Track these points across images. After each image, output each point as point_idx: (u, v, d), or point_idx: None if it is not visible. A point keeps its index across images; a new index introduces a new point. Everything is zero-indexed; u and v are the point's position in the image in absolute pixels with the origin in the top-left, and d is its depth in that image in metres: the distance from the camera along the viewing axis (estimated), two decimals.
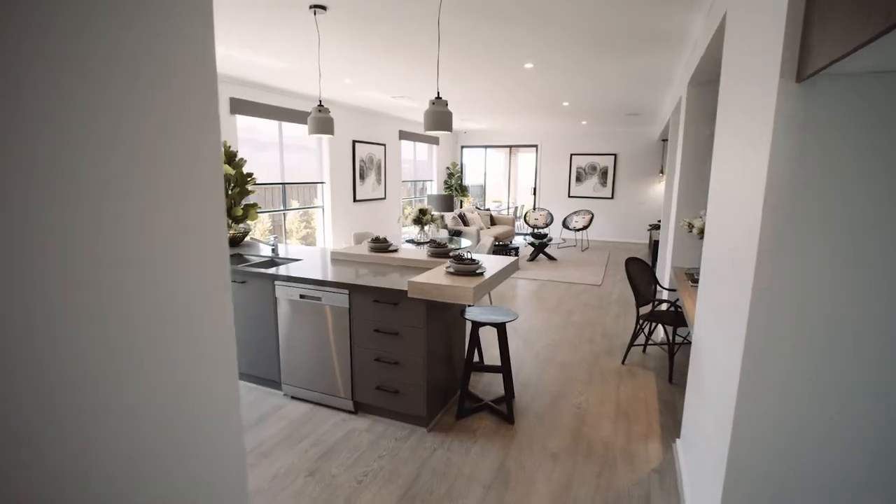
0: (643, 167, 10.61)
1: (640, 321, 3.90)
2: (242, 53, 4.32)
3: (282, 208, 6.76)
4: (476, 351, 3.56)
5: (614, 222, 11.03)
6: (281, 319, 3.14)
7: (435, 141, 10.95)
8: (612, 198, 10.96)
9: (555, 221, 11.41)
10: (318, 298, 2.97)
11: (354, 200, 8.09)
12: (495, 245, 7.44)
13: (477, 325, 3.00)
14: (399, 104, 7.46)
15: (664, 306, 4.14)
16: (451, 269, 2.81)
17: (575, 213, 10.46)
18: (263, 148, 6.45)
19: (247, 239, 5.28)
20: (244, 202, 5.42)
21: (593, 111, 7.97)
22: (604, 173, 10.95)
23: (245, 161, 5.17)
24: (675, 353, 3.63)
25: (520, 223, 12.54)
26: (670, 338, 3.65)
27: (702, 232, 3.90)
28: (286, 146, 6.71)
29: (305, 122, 6.74)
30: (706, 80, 3.83)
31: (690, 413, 2.47)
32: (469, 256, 2.97)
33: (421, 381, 2.76)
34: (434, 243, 3.46)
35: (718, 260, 2.04)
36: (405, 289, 2.67)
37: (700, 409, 2.20)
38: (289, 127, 6.66)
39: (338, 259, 3.59)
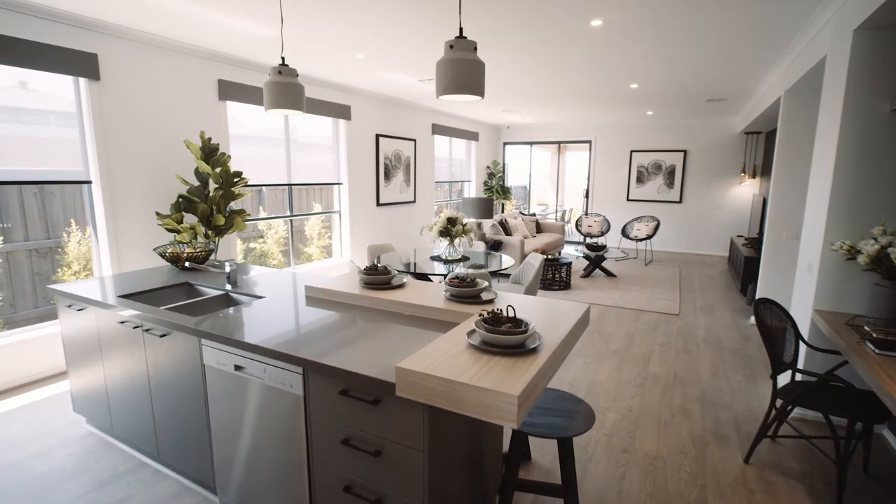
0: (719, 166, 8.96)
1: (780, 399, 2.53)
2: (212, 13, 3.25)
3: (288, 214, 5.73)
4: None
5: (683, 231, 9.41)
6: (212, 397, 2.01)
7: (474, 137, 9.72)
8: (680, 202, 9.36)
9: (612, 229, 9.91)
10: (260, 376, 1.82)
11: (378, 204, 6.99)
12: (545, 260, 6.12)
13: (523, 434, 1.75)
14: (430, 91, 6.28)
15: (797, 374, 2.75)
16: (476, 342, 1.57)
17: (636, 219, 8.94)
18: (265, 143, 5.43)
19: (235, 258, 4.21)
20: (229, 207, 4.39)
21: (665, 97, 6.50)
22: (670, 173, 9.36)
23: (229, 157, 4.13)
24: (851, 455, 2.24)
25: (569, 227, 11.11)
26: (840, 434, 2.26)
27: (874, 261, 2.49)
28: (295, 141, 5.67)
29: (315, 112, 5.69)
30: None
31: None
32: (511, 313, 1.73)
33: None
34: (457, 278, 2.24)
35: None
36: (392, 380, 1.46)
37: None
38: (298, 117, 5.63)
39: (315, 299, 2.43)
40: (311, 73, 5.30)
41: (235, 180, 4.21)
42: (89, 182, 3.74)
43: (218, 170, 4.14)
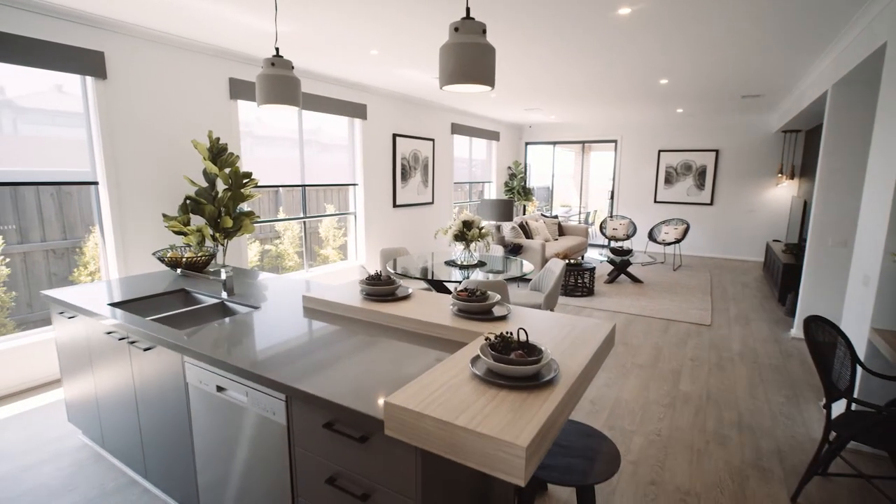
0: (754, 166, 8.48)
1: (833, 432, 2.23)
2: (220, 8, 3.11)
3: (301, 215, 5.60)
4: None
5: (715, 234, 8.96)
6: (195, 418, 1.85)
7: (495, 136, 9.47)
8: (711, 204, 8.91)
9: (638, 232, 9.52)
10: (242, 399, 1.64)
11: (394, 206, 6.81)
12: (567, 265, 5.84)
13: (534, 482, 1.52)
14: (448, 88, 6.06)
15: (850, 404, 2.43)
16: (481, 371, 1.35)
17: (664, 222, 8.54)
18: (282, 143, 5.31)
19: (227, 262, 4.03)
20: (239, 209, 4.26)
21: (697, 93, 6.14)
22: (701, 173, 8.92)
23: (237, 157, 4.00)
24: None
25: (593, 229, 10.74)
26: None
27: None
28: (315, 141, 5.53)
29: (330, 111, 5.54)
30: None
31: None
32: (523, 336, 1.51)
33: None
34: (466, 291, 2.02)
35: None
36: (381, 416, 1.25)
37: None
38: (312, 117, 5.49)
39: (312, 311, 2.24)
40: (325, 71, 5.16)
41: (245, 181, 4.09)
42: (96, 183, 3.65)
43: (227, 170, 4.02)
